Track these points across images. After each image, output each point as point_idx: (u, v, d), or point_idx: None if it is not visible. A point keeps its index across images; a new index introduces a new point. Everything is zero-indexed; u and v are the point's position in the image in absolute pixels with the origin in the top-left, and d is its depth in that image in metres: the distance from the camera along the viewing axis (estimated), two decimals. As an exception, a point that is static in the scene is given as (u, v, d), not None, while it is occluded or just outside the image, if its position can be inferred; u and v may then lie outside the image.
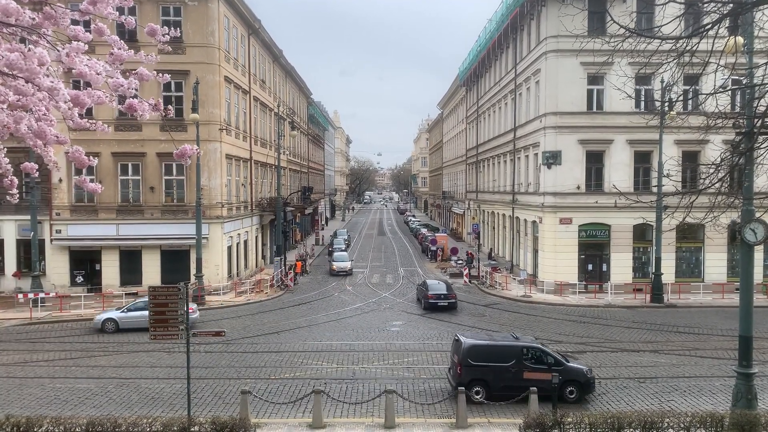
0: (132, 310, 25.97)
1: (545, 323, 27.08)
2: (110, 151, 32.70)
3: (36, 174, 6.71)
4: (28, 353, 22.50)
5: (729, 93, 15.86)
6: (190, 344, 13.91)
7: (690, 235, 33.44)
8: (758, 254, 25.76)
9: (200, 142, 30.56)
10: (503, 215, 45.64)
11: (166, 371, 19.92)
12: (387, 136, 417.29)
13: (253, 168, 42.36)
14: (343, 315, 29.44)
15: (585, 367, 17.02)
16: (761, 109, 10.21)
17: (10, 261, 33.72)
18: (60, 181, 33.03)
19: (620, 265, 33.80)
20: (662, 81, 26.21)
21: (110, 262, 33.66)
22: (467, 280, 39.40)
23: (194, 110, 30.13)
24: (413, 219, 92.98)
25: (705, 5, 9.75)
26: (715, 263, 34.03)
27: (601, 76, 32.14)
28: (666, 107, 25.43)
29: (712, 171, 10.35)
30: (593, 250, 34.29)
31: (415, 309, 30.97)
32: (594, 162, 33.85)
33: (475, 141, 57.78)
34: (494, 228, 49.63)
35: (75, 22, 5.37)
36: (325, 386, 17.20)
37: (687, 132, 21.72)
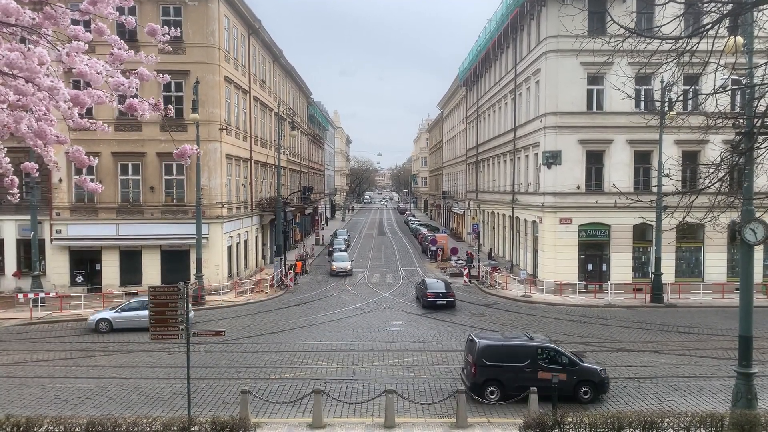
0: (126, 310, 25.95)
1: (545, 323, 27.08)
2: (110, 151, 32.72)
3: (36, 174, 6.71)
4: (28, 353, 22.51)
5: (729, 93, 15.86)
6: (190, 344, 13.92)
7: (690, 235, 33.47)
8: (758, 254, 25.78)
9: (200, 142, 30.57)
10: (503, 215, 45.65)
11: (166, 371, 19.93)
12: (387, 136, 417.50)
13: (253, 168, 42.37)
14: (343, 315, 29.45)
15: (599, 367, 17.05)
16: (761, 109, 10.21)
17: (10, 261, 33.74)
18: (60, 181, 33.04)
19: (620, 265, 33.82)
20: (662, 81, 26.21)
21: (110, 262, 33.68)
22: (467, 280, 39.41)
23: (194, 110, 30.14)
24: (413, 219, 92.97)
25: (705, 5, 9.75)
26: (715, 263, 34.04)
27: (601, 76, 32.15)
28: (666, 107, 25.45)
29: (712, 171, 10.35)
30: (593, 250, 34.30)
31: (415, 309, 30.99)
32: (594, 162, 33.87)
33: (475, 141, 57.79)
34: (494, 228, 49.64)
35: (75, 22, 5.37)
36: (325, 386, 17.20)
37: (687, 132, 21.71)
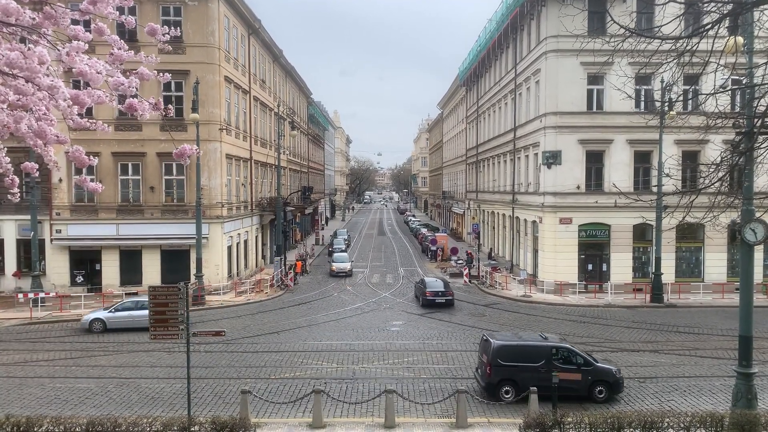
0: (120, 310, 25.92)
1: (545, 323, 27.08)
2: (110, 151, 32.72)
3: (36, 174, 6.71)
4: (28, 353, 22.50)
5: (729, 93, 15.86)
6: (190, 344, 13.92)
7: (690, 235, 33.48)
8: (758, 254, 25.78)
9: (200, 142, 30.57)
10: (503, 215, 45.64)
11: (166, 371, 19.93)
12: (387, 136, 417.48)
13: (253, 168, 42.36)
14: (343, 315, 29.45)
15: (614, 367, 17.09)
16: (761, 109, 10.20)
17: (10, 261, 33.74)
18: (60, 181, 33.04)
19: (620, 265, 33.82)
20: (662, 81, 26.22)
21: (110, 262, 33.68)
22: (467, 280, 39.41)
23: (194, 110, 30.13)
24: (413, 219, 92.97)
25: (705, 5, 9.75)
26: (715, 263, 34.04)
27: (601, 76, 32.14)
28: (666, 107, 25.46)
29: (712, 171, 10.35)
30: (593, 250, 34.30)
31: (415, 309, 30.99)
32: (594, 162, 33.86)
33: (475, 141, 57.78)
34: (494, 228, 49.64)
35: (75, 22, 5.37)
36: (325, 386, 17.20)
37: (687, 132, 21.71)
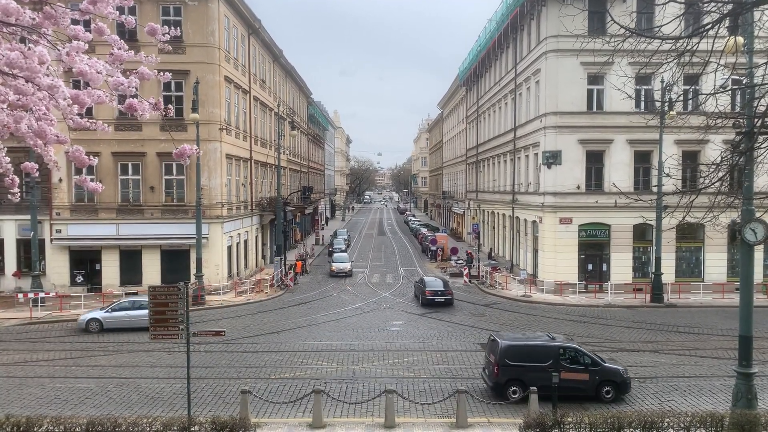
0: (117, 310, 25.92)
1: (545, 323, 27.08)
2: (110, 151, 32.72)
3: (36, 174, 6.71)
4: (28, 353, 22.51)
5: (729, 93, 15.85)
6: (190, 344, 13.92)
7: (690, 235, 33.48)
8: (758, 254, 25.75)
9: (200, 142, 30.57)
10: (503, 215, 45.64)
11: (166, 371, 19.93)
12: (387, 136, 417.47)
13: (253, 168, 42.36)
14: (343, 315, 29.45)
15: (621, 368, 17.18)
16: (761, 109, 10.20)
17: (10, 261, 33.74)
18: (60, 181, 33.04)
19: (620, 265, 33.81)
20: (662, 81, 26.23)
21: (110, 262, 33.67)
22: (467, 280, 39.41)
23: (194, 110, 30.13)
24: (413, 219, 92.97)
25: (705, 5, 9.75)
26: (715, 263, 34.04)
27: (601, 76, 32.15)
28: (666, 107, 25.44)
29: (712, 171, 10.35)
30: (593, 250, 34.30)
31: (415, 309, 30.99)
32: (594, 162, 33.86)
33: (475, 141, 57.78)
34: (494, 228, 49.63)
35: (75, 22, 5.37)
36: (325, 386, 17.20)
37: (687, 132, 21.71)
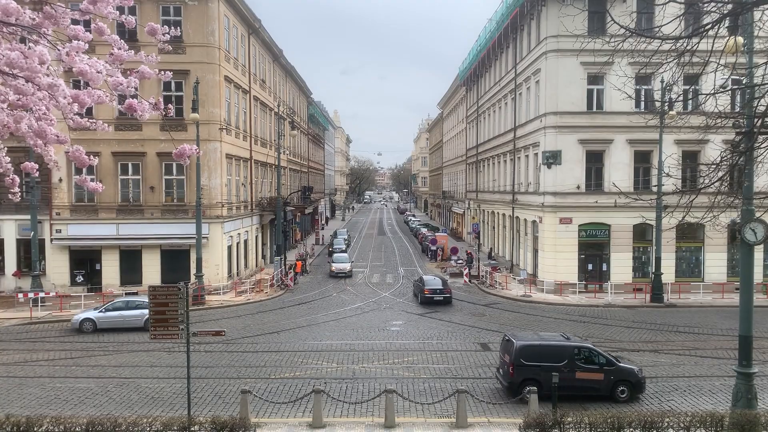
0: (110, 310, 25.91)
1: (545, 323, 27.09)
2: (110, 151, 32.72)
3: (36, 173, 6.71)
4: (28, 353, 22.51)
5: (729, 93, 15.85)
6: (190, 344, 13.93)
7: (690, 235, 33.48)
8: (758, 254, 25.71)
9: (200, 142, 30.57)
10: (503, 215, 45.64)
11: (166, 371, 19.93)
12: (387, 136, 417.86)
13: (253, 168, 42.36)
14: (343, 314, 29.45)
15: (636, 367, 17.14)
16: (761, 109, 10.20)
17: (11, 260, 33.74)
18: (60, 181, 33.04)
19: (620, 265, 33.81)
20: (662, 81, 26.20)
21: (110, 262, 33.67)
22: (467, 280, 39.42)
23: (194, 110, 30.11)
24: (413, 218, 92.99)
25: (705, 5, 9.75)
26: (715, 263, 34.04)
27: (602, 76, 32.16)
28: (666, 107, 25.47)
29: (712, 170, 10.35)
30: (593, 250, 34.30)
31: (416, 309, 30.99)
32: (594, 162, 33.86)
33: (475, 141, 57.77)
34: (494, 228, 49.63)
35: (75, 22, 5.37)
36: (325, 386, 17.21)
37: (687, 132, 21.67)
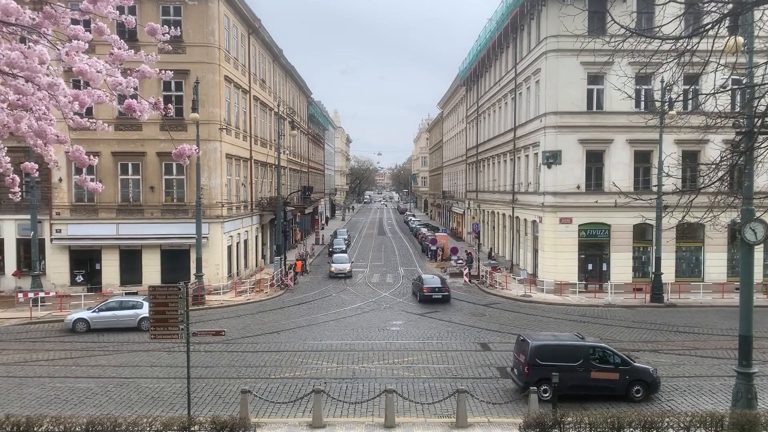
0: (104, 310, 25.92)
1: (545, 323, 27.09)
2: (110, 151, 32.72)
3: (36, 173, 6.71)
4: (28, 353, 22.51)
5: (729, 93, 15.85)
6: (190, 344, 13.93)
7: (690, 235, 33.48)
8: (758, 254, 25.70)
9: (200, 142, 30.57)
10: (503, 215, 45.64)
11: (166, 371, 19.94)
12: (387, 136, 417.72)
13: (253, 167, 42.36)
14: (343, 314, 29.45)
15: (651, 367, 17.20)
16: (761, 109, 10.20)
17: (10, 260, 33.74)
18: (60, 181, 33.04)
19: (620, 265, 33.81)
20: (662, 81, 26.21)
21: (110, 262, 33.67)
22: (467, 280, 39.42)
23: (194, 110, 30.10)
24: (413, 218, 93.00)
25: (705, 5, 9.75)
26: (715, 263, 34.04)
27: (602, 76, 32.16)
28: (666, 107, 25.46)
29: (712, 170, 10.35)
30: (593, 250, 34.30)
31: (416, 308, 30.99)
32: (594, 161, 33.86)
33: (475, 140, 57.77)
34: (494, 227, 49.63)
35: (75, 22, 5.37)
36: (325, 386, 17.21)
37: (687, 132, 21.67)
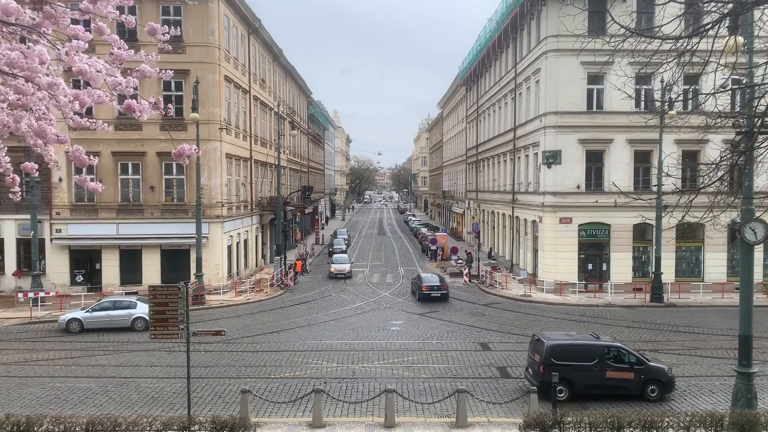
0: (97, 310, 25.94)
1: (545, 322, 27.09)
2: (110, 151, 32.72)
3: (36, 173, 6.71)
4: (28, 352, 22.51)
5: (729, 93, 15.85)
6: (190, 343, 13.93)
7: (690, 235, 33.48)
8: (758, 254, 25.72)
9: (200, 142, 30.57)
10: (503, 215, 45.64)
11: (166, 370, 19.94)
12: (387, 136, 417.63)
13: (253, 167, 42.36)
14: (343, 314, 29.45)
15: (666, 367, 17.15)
16: (761, 109, 10.21)
17: (11, 260, 33.75)
18: (60, 181, 33.04)
19: (620, 265, 33.80)
20: (662, 81, 26.21)
21: (110, 262, 33.68)
22: (467, 280, 39.42)
23: (194, 109, 30.10)
24: (413, 218, 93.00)
25: (705, 5, 9.75)
26: (715, 263, 34.03)
27: (602, 76, 32.16)
28: (666, 107, 25.45)
29: (712, 170, 10.35)
30: (593, 250, 34.30)
31: (415, 308, 31.00)
32: (594, 161, 33.86)
33: (475, 140, 57.77)
34: (494, 227, 49.63)
35: (75, 22, 5.37)
36: (325, 385, 17.21)
37: (687, 131, 21.67)
